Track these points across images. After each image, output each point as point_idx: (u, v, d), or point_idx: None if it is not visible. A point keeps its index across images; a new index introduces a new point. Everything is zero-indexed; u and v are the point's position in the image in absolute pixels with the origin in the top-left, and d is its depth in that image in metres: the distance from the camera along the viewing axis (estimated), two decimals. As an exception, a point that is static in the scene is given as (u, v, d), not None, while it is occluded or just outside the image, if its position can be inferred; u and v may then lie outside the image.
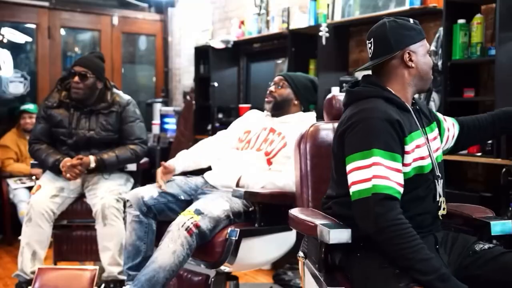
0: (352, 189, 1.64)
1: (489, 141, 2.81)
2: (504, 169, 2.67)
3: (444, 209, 1.82)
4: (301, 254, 1.77)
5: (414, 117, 1.78)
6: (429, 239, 1.71)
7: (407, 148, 1.69)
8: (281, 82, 2.73)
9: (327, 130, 2.07)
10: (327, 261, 1.73)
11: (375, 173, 1.60)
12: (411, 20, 1.82)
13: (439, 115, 2.00)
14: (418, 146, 1.73)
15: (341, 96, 2.15)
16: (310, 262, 1.83)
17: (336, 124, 2.07)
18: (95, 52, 3.60)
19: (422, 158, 1.73)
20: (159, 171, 2.63)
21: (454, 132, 2.01)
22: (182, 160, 2.74)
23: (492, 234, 1.81)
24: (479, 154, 2.90)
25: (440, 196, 1.79)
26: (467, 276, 1.67)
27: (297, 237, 2.05)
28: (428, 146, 1.78)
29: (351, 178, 1.66)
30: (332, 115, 2.14)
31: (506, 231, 1.81)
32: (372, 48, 1.82)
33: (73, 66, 3.23)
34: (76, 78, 3.16)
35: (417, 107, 1.84)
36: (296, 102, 2.71)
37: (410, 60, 1.78)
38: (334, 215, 1.77)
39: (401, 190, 1.63)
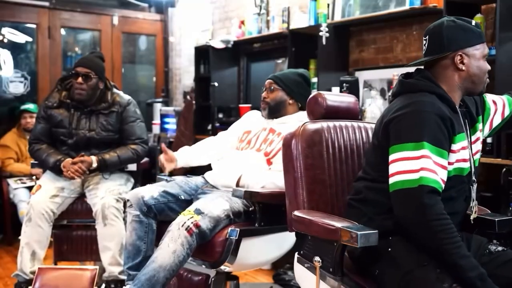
0: (395, 178, 1.62)
1: (489, 141, 2.81)
2: (504, 169, 2.67)
3: (475, 212, 1.83)
4: (317, 258, 1.72)
5: (461, 119, 1.77)
6: None
7: (454, 147, 1.69)
8: (271, 86, 2.71)
9: (318, 130, 2.04)
10: (343, 264, 1.72)
11: (423, 166, 1.59)
12: (473, 22, 1.78)
13: (488, 99, 1.97)
14: (463, 148, 1.73)
15: (328, 95, 2.14)
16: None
17: (329, 123, 2.07)
18: (95, 52, 3.59)
19: (464, 160, 1.73)
20: (162, 157, 2.68)
21: (505, 113, 1.99)
22: (183, 154, 2.78)
23: (498, 231, 1.81)
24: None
25: (473, 201, 1.80)
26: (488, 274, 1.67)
27: (297, 237, 2.02)
28: (470, 150, 1.78)
29: (395, 167, 1.63)
30: (318, 113, 2.11)
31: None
32: (426, 45, 1.80)
33: (75, 67, 3.22)
34: (80, 79, 3.16)
35: (465, 109, 1.83)
36: (291, 101, 2.70)
37: (462, 63, 1.75)
38: (363, 200, 1.76)
39: (443, 187, 1.63)
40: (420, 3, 3.33)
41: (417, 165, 1.59)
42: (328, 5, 3.96)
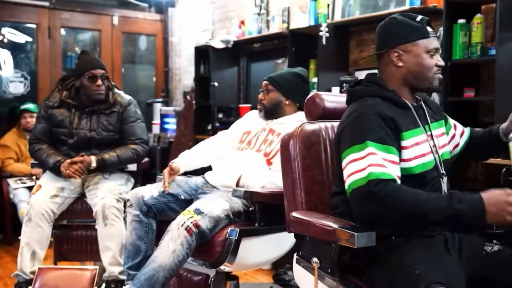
0: (348, 181, 1.63)
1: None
2: (504, 169, 2.67)
3: None
4: (315, 259, 1.72)
5: (415, 114, 1.77)
6: (439, 239, 1.67)
7: (404, 143, 1.69)
8: (267, 87, 2.71)
9: (316, 130, 2.04)
10: (341, 265, 1.72)
11: (370, 162, 1.60)
12: (418, 18, 1.78)
13: (451, 121, 1.98)
14: (417, 143, 1.72)
15: (325, 95, 2.15)
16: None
17: (327, 124, 2.07)
18: (92, 51, 3.58)
19: (423, 155, 1.72)
20: (166, 172, 2.63)
21: (459, 142, 1.99)
22: (184, 160, 2.75)
23: (496, 230, 1.81)
24: (479, 154, 2.89)
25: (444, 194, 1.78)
26: (483, 276, 1.66)
27: (295, 238, 2.02)
28: (430, 143, 1.76)
29: (346, 171, 1.65)
30: (316, 114, 2.11)
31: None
32: (376, 43, 1.85)
33: (91, 69, 3.18)
34: (99, 81, 3.18)
35: (423, 104, 1.83)
36: (287, 102, 2.68)
37: (399, 59, 1.76)
38: (341, 214, 1.76)
39: (399, 181, 1.61)
40: (420, 3, 3.34)
41: (364, 164, 1.60)
42: (328, 5, 3.96)
